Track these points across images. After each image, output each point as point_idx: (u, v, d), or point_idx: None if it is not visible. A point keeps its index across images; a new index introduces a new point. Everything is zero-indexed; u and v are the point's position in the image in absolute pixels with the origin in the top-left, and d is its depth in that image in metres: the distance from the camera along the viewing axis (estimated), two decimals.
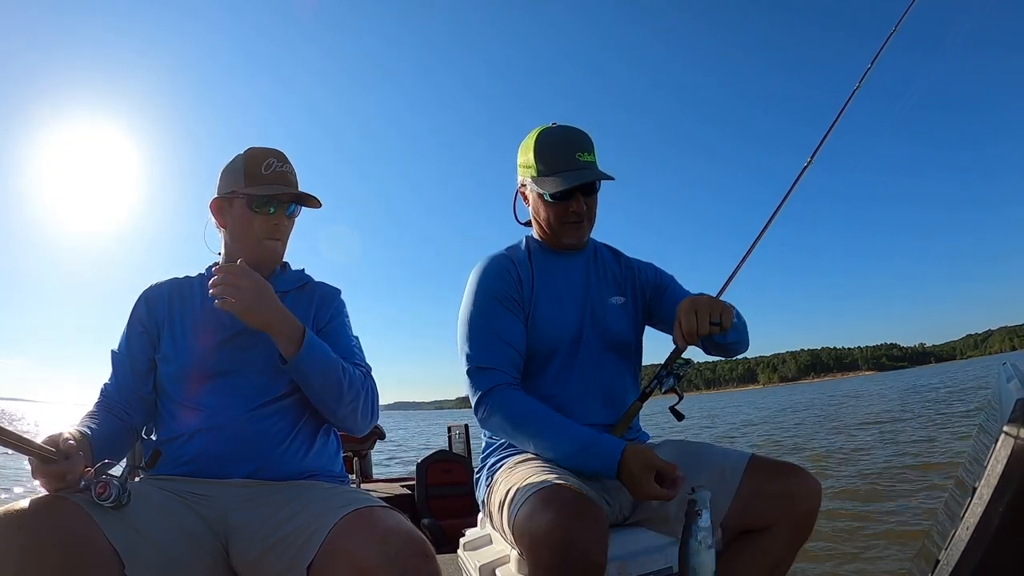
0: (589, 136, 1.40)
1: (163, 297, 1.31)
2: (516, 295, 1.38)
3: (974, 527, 1.03)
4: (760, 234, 1.50)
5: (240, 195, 1.27)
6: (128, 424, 1.23)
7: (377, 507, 0.98)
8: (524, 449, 1.31)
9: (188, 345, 1.24)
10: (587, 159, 1.37)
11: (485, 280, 1.39)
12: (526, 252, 1.46)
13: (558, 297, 1.42)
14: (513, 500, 1.12)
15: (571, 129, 1.40)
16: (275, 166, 1.29)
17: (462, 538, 1.49)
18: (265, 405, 1.20)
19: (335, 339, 1.30)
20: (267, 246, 1.30)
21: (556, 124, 1.42)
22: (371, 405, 1.23)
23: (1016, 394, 1.02)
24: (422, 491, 4.08)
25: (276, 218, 1.29)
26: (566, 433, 1.23)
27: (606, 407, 1.40)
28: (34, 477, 0.93)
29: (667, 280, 1.55)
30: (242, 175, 1.28)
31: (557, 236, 1.44)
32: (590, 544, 0.97)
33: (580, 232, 1.43)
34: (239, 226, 1.29)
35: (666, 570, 1.20)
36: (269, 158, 1.29)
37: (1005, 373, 1.34)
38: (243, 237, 1.29)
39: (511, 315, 1.36)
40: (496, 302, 1.35)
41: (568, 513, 0.99)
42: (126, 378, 1.25)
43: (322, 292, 1.38)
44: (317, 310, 1.34)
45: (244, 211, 1.28)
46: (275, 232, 1.30)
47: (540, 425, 1.24)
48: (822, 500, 1.22)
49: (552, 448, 1.24)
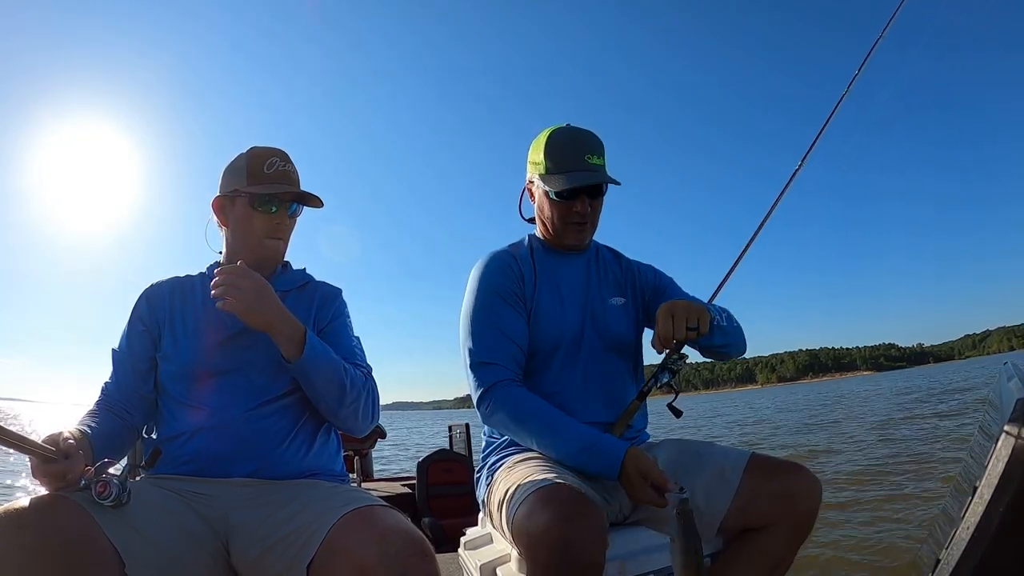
0: (600, 140, 1.40)
1: (164, 296, 1.31)
2: (518, 291, 1.38)
3: (975, 526, 1.03)
4: (751, 239, 1.50)
5: (242, 194, 1.27)
6: (129, 423, 1.23)
7: (377, 506, 0.98)
8: (526, 447, 1.32)
9: (189, 344, 1.24)
10: (596, 162, 1.37)
11: (487, 276, 1.39)
12: (528, 249, 1.47)
13: (559, 296, 1.42)
14: (512, 499, 1.12)
15: (583, 131, 1.40)
16: (277, 165, 1.29)
17: (463, 537, 1.50)
18: (265, 404, 1.20)
19: (336, 339, 1.30)
20: (268, 245, 1.30)
21: (569, 125, 1.42)
22: (372, 406, 1.23)
23: (1016, 394, 1.02)
24: (423, 490, 4.08)
25: (278, 217, 1.29)
26: (569, 432, 1.23)
27: (607, 406, 1.40)
28: (34, 476, 0.93)
29: (666, 282, 1.56)
30: (244, 174, 1.28)
31: (560, 236, 1.44)
32: (588, 543, 0.97)
33: (582, 234, 1.44)
34: (241, 225, 1.29)
35: (666, 569, 1.20)
36: (272, 157, 1.29)
37: (1005, 373, 1.34)
38: (244, 236, 1.29)
39: (513, 311, 1.36)
40: (498, 297, 1.36)
41: (566, 513, 0.99)
42: (127, 377, 1.25)
43: (323, 292, 1.38)
44: (318, 310, 1.34)
45: (246, 210, 1.28)
46: (276, 231, 1.30)
47: (543, 423, 1.25)
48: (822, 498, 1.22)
49: (554, 447, 1.24)
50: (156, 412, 1.26)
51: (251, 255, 1.28)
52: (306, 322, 1.27)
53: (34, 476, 0.93)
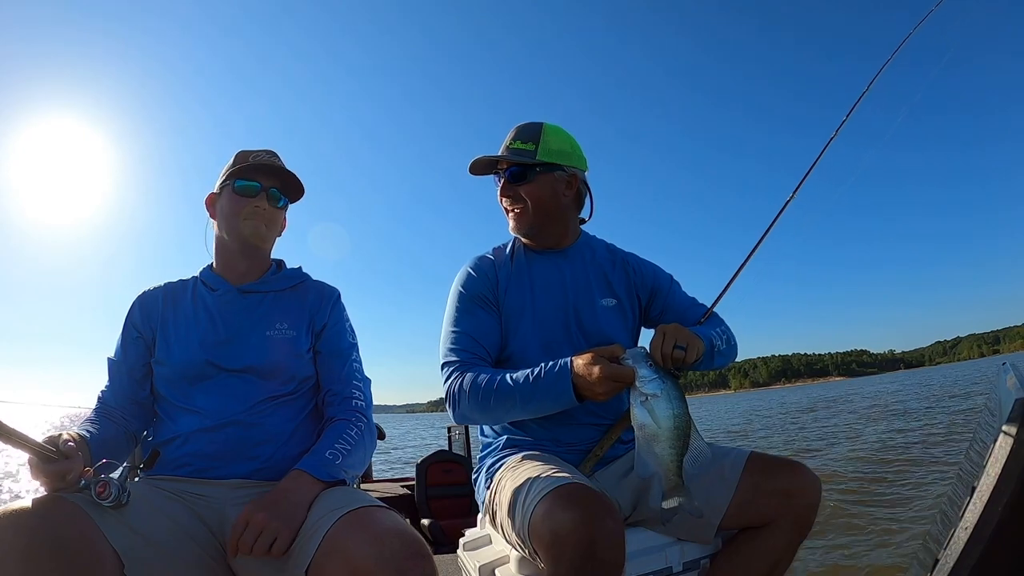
0: (536, 126, 1.42)
1: (157, 301, 1.32)
2: (490, 294, 1.39)
3: (973, 526, 1.03)
4: (736, 273, 1.48)
5: (227, 182, 1.30)
6: (126, 429, 1.23)
7: (374, 507, 0.98)
8: (498, 419, 1.32)
9: (181, 348, 1.24)
10: (517, 146, 1.40)
11: (461, 281, 1.42)
12: (510, 252, 1.47)
13: (531, 296, 1.42)
14: (526, 499, 1.11)
15: (526, 123, 1.44)
16: (263, 157, 1.32)
17: (462, 538, 1.49)
18: (261, 405, 1.20)
19: (333, 351, 1.31)
20: (247, 227, 1.29)
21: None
22: (368, 445, 1.23)
23: (1015, 394, 1.02)
24: (422, 491, 4.08)
25: (257, 200, 1.30)
26: (515, 382, 1.22)
27: (606, 408, 1.38)
28: (33, 476, 0.93)
29: (665, 282, 1.53)
30: (231, 166, 1.32)
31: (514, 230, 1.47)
32: (612, 543, 0.97)
33: (515, 221, 1.44)
34: (225, 211, 1.30)
35: (665, 570, 1.20)
36: (259, 152, 1.33)
37: (1004, 373, 1.34)
38: (228, 221, 1.30)
39: (483, 311, 1.37)
40: (468, 301, 1.38)
41: (591, 512, 0.98)
42: (122, 384, 1.26)
43: (318, 292, 1.37)
44: (313, 312, 1.33)
45: (230, 196, 1.30)
46: (255, 213, 1.29)
47: (492, 386, 1.24)
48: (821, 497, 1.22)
49: (510, 403, 1.23)
50: (154, 416, 1.26)
51: (235, 243, 1.30)
52: (299, 322, 1.30)
53: (33, 476, 0.93)
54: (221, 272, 1.34)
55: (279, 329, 1.28)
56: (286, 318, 1.30)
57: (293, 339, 1.28)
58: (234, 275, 1.33)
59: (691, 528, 1.22)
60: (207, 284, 1.33)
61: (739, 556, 1.22)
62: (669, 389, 1.08)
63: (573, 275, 1.46)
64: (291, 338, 1.28)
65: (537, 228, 1.44)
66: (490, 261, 1.44)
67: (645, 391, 1.07)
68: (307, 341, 1.30)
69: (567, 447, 1.35)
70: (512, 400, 1.22)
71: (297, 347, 1.28)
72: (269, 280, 1.34)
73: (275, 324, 1.29)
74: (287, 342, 1.28)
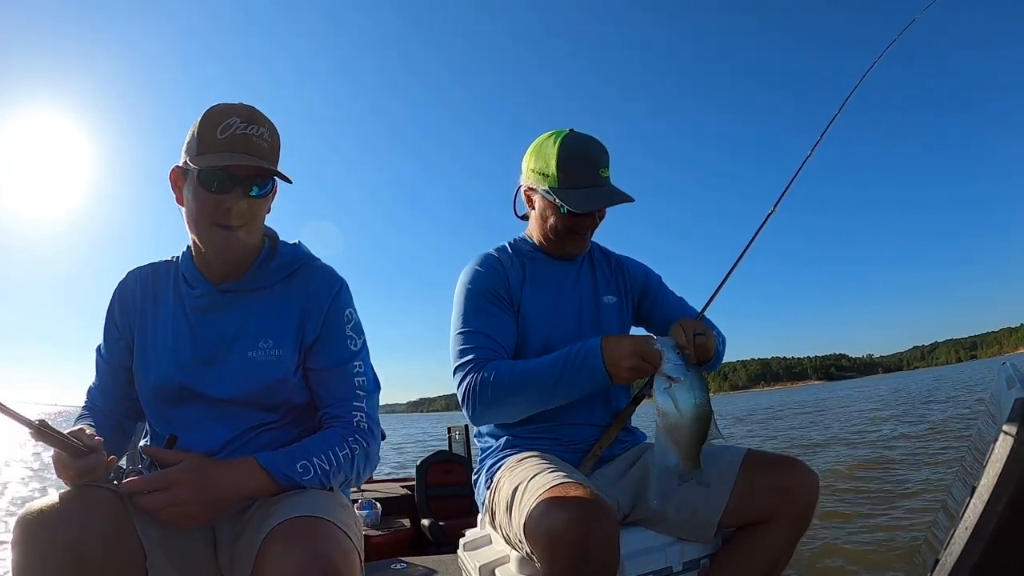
0: (606, 148, 1.39)
1: (136, 290, 1.17)
2: (503, 292, 1.37)
3: (973, 526, 1.03)
4: (725, 278, 1.49)
5: (191, 167, 1.02)
6: (120, 425, 1.18)
7: (300, 518, 0.89)
8: (519, 412, 1.29)
9: (158, 363, 1.11)
10: (606, 174, 1.37)
11: (471, 279, 1.38)
12: (517, 251, 1.46)
13: (549, 297, 1.42)
14: (523, 499, 1.11)
15: (592, 141, 1.38)
16: (235, 128, 1.01)
17: (462, 538, 1.50)
18: (247, 434, 1.10)
19: (328, 366, 1.13)
20: (218, 237, 1.04)
21: (573, 131, 1.39)
22: (363, 470, 1.11)
23: (1015, 393, 1.02)
24: (422, 492, 4.07)
25: (229, 200, 1.02)
26: (541, 366, 1.23)
27: (605, 408, 1.40)
28: (59, 474, 0.90)
29: (655, 281, 1.57)
30: (195, 141, 1.02)
31: (561, 244, 1.43)
32: (606, 543, 0.97)
33: (584, 243, 1.44)
34: (191, 207, 1.05)
35: (665, 570, 1.20)
36: (231, 117, 1.01)
37: (1004, 373, 1.34)
38: (196, 221, 1.06)
39: (498, 310, 1.35)
40: (481, 299, 1.35)
41: (586, 512, 0.98)
42: (108, 383, 1.18)
43: (319, 282, 1.16)
44: (304, 319, 1.12)
45: (195, 188, 1.03)
46: (226, 217, 1.03)
47: (516, 376, 1.23)
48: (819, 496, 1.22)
49: (537, 388, 1.22)
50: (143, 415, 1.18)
51: (206, 247, 1.07)
52: (286, 335, 1.11)
53: (59, 473, 0.90)
54: (200, 267, 1.13)
55: (262, 348, 1.10)
56: (271, 332, 1.11)
57: (276, 361, 1.10)
58: (214, 274, 1.13)
59: (691, 527, 1.22)
60: (187, 279, 1.14)
61: (739, 554, 1.22)
62: (693, 377, 1.10)
63: (581, 277, 1.49)
64: (274, 360, 1.09)
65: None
66: (497, 259, 1.42)
67: (670, 374, 1.10)
68: (295, 359, 1.11)
69: (567, 447, 1.35)
70: (541, 382, 1.22)
71: (282, 370, 1.10)
72: (256, 275, 1.12)
73: (258, 342, 1.10)
74: (270, 365, 1.09)
